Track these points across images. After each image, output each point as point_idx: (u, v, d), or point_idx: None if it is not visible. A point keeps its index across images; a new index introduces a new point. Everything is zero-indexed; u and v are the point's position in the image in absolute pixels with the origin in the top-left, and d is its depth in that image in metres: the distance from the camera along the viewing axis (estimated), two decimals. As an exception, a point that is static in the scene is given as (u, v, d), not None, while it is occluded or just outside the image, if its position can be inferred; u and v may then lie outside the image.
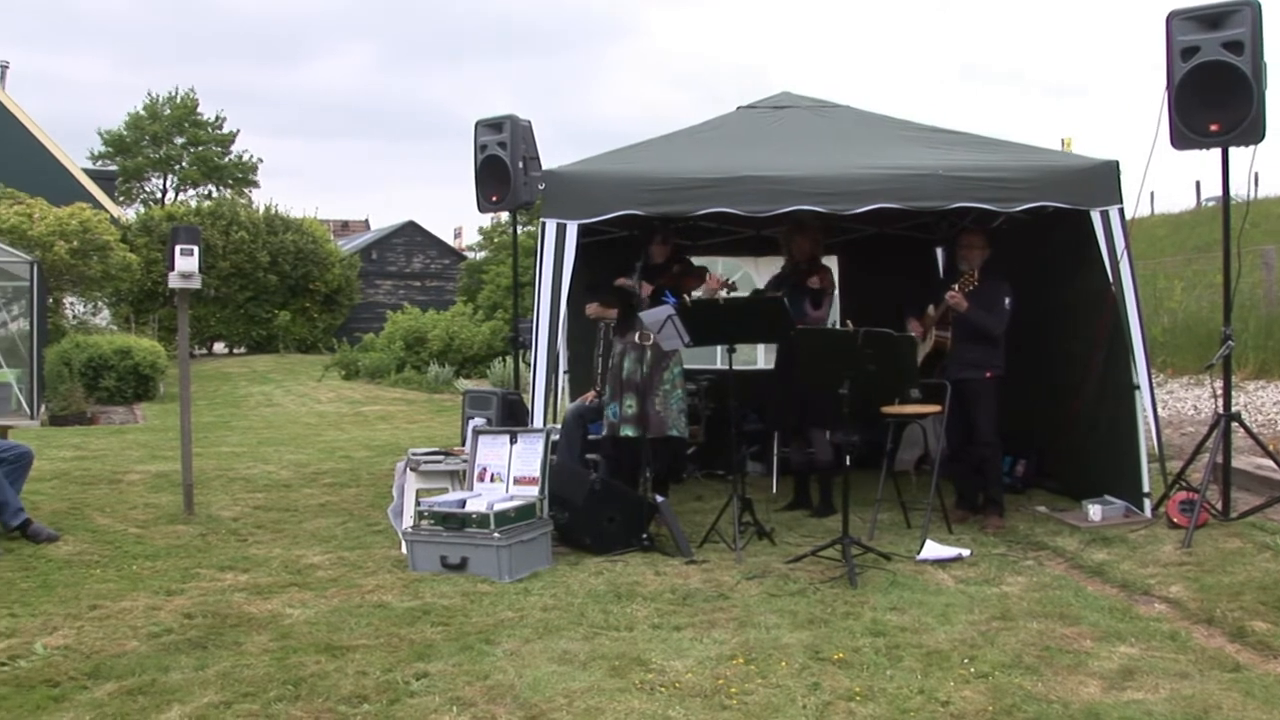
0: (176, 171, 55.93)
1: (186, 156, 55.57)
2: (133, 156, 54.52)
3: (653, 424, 8.29)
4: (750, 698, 4.71)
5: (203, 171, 55.32)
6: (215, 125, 55.92)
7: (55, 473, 11.12)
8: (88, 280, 24.24)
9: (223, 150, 56.21)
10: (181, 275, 8.78)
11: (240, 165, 56.28)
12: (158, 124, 54.44)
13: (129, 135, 54.82)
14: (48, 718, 4.63)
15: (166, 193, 55.96)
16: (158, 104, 54.92)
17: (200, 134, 55.39)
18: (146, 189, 56.60)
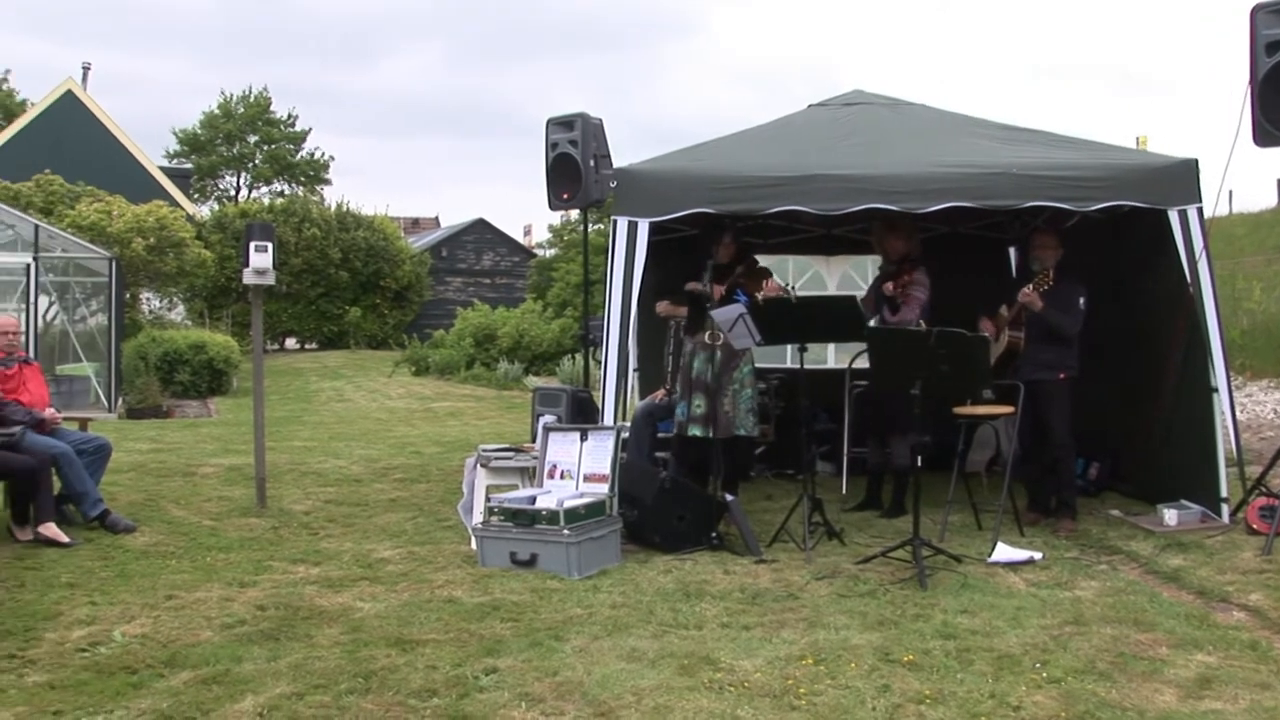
0: (250, 169, 56.59)
1: (259, 154, 56.21)
2: (207, 155, 55.24)
3: (721, 424, 8.27)
4: (819, 699, 4.69)
5: (275, 169, 55.92)
6: (288, 123, 56.52)
7: (132, 465, 11.28)
8: (163, 276, 24.62)
9: (295, 148, 56.78)
10: (256, 271, 8.87)
11: (312, 163, 56.82)
12: (231, 123, 55.12)
13: (204, 134, 55.54)
14: (127, 703, 4.70)
15: (240, 190, 56.65)
16: (231, 103, 55.61)
17: (273, 132, 56.00)
18: (220, 186, 57.33)
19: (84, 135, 34.03)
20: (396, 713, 4.59)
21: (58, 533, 7.68)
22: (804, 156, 8.27)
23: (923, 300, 8.50)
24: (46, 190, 25.09)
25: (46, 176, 25.70)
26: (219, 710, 4.61)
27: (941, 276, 8.63)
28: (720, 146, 8.88)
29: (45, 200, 24.44)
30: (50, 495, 7.88)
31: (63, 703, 4.70)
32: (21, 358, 8.88)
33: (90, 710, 4.62)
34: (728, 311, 7.62)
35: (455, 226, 48.11)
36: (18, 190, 24.48)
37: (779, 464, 10.57)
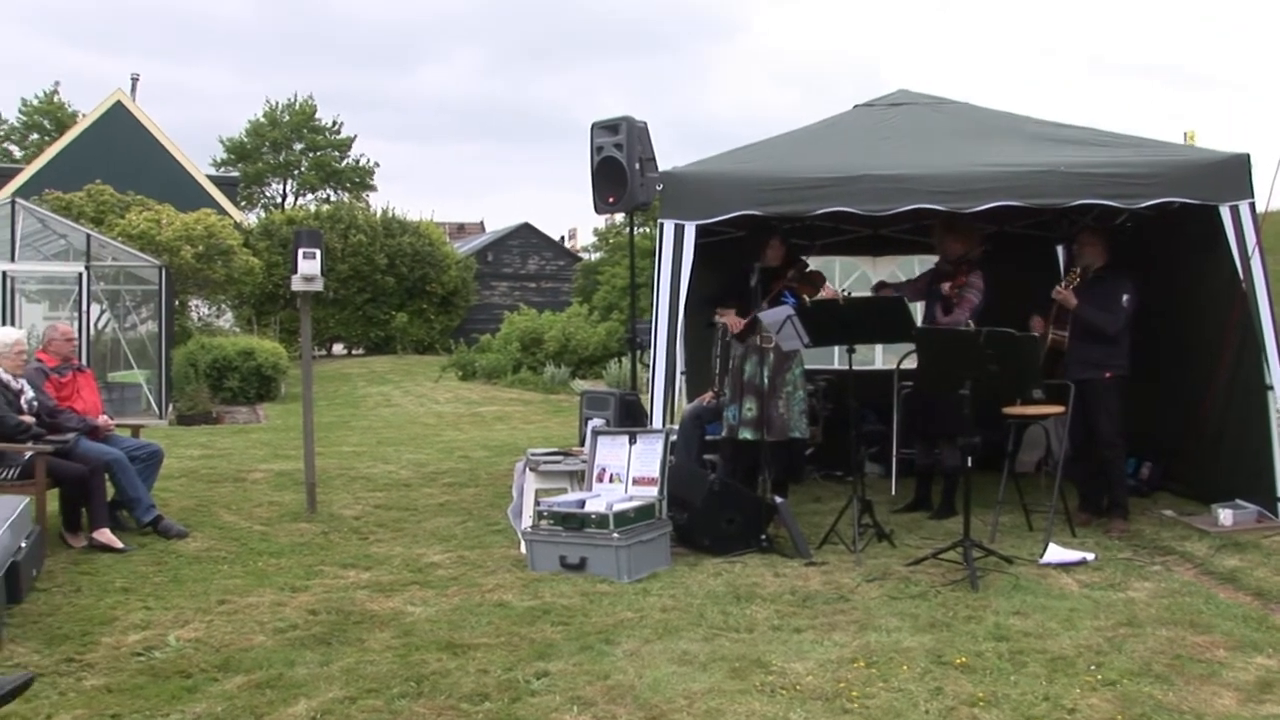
0: (295, 176, 57.02)
1: (305, 161, 56.63)
2: (253, 162, 55.71)
3: (775, 426, 8.25)
4: (872, 701, 4.67)
5: (321, 176, 56.31)
6: (333, 130, 56.91)
7: (183, 471, 11.38)
8: (212, 284, 24.80)
9: (340, 155, 57.16)
10: (304, 278, 8.93)
11: (357, 169, 57.17)
12: (277, 130, 55.58)
13: (250, 142, 56.04)
14: (182, 707, 4.75)
15: (286, 197, 57.08)
16: (277, 111, 56.07)
17: (318, 139, 56.41)
18: (267, 194, 57.79)
19: (133, 145, 34.41)
20: (449, 717, 4.61)
21: (112, 538, 7.76)
22: (850, 157, 8.25)
23: (975, 303, 8.44)
24: (97, 200, 25.34)
25: (97, 186, 25.97)
26: (272, 714, 4.65)
27: (988, 276, 8.57)
28: (766, 148, 8.86)
29: (96, 210, 24.69)
30: (104, 501, 7.97)
31: (120, 706, 4.75)
32: (76, 365, 9.01)
33: (147, 714, 4.67)
34: (775, 313, 7.60)
35: (500, 231, 48.23)
36: (69, 200, 24.75)
37: (827, 465, 10.54)
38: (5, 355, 8.12)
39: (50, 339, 8.95)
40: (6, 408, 7.93)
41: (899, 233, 10.86)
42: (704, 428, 9.26)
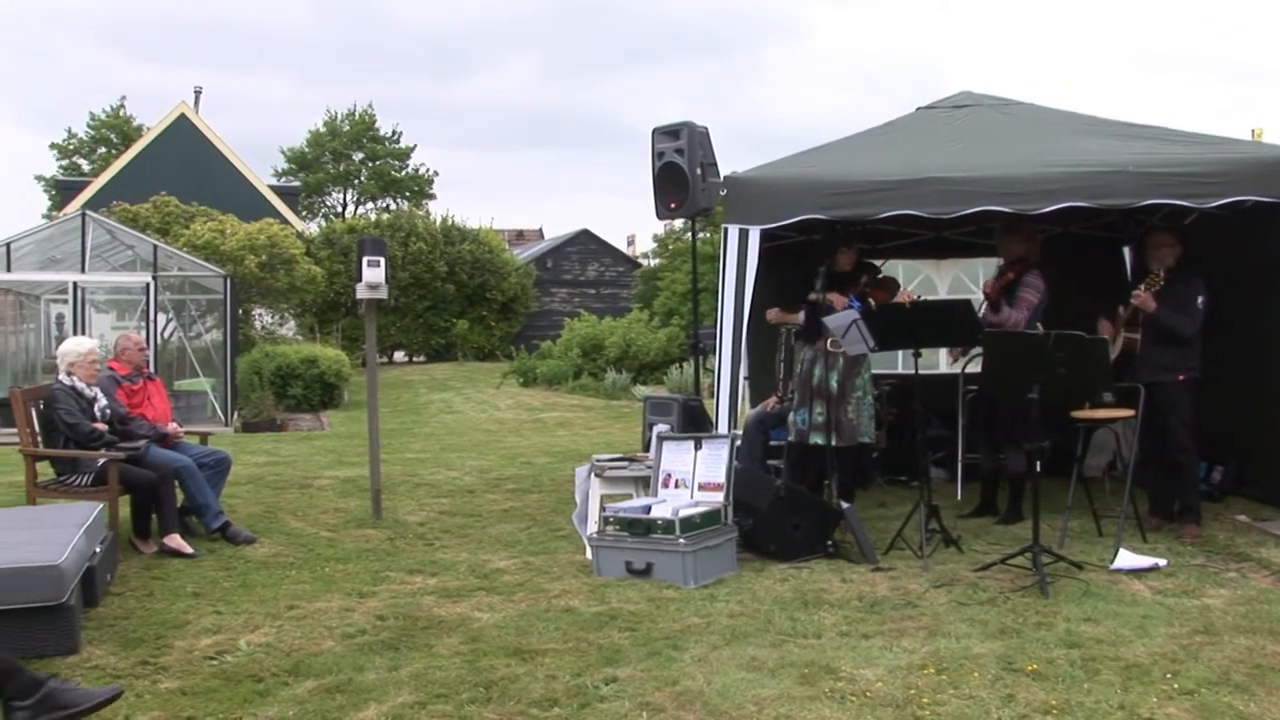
0: (356, 186, 57.52)
1: (365, 171, 57.12)
2: (314, 172, 56.28)
3: (844, 431, 8.22)
4: (943, 709, 4.63)
5: (381, 185, 56.76)
6: (392, 140, 57.37)
7: (250, 477, 11.49)
8: (275, 292, 25.06)
9: (400, 164, 57.59)
10: (369, 286, 8.99)
11: (417, 178, 57.58)
12: (337, 140, 56.10)
13: (310, 152, 56.63)
14: (255, 710, 4.80)
15: (347, 206, 57.58)
16: (337, 121, 56.61)
17: (378, 149, 56.88)
18: (327, 203, 58.34)
19: (197, 157, 34.90)
20: (518, 722, 4.62)
21: (182, 544, 7.85)
22: (915, 160, 8.21)
23: (1034, 303, 8.36)
24: (163, 211, 25.69)
25: (163, 198, 26.32)
26: (343, 719, 4.68)
27: (1054, 278, 8.49)
28: (829, 152, 8.84)
29: (162, 221, 25.02)
30: (174, 507, 8.07)
31: (194, 709, 4.80)
32: (146, 374, 9.12)
33: (220, 716, 4.72)
34: (841, 317, 7.56)
35: (559, 238, 48.41)
36: (136, 212, 25.10)
37: (892, 470, 10.47)
38: (79, 364, 8.24)
39: (123, 348, 9.07)
40: (81, 415, 8.05)
41: (963, 235, 10.78)
42: (768, 433, 9.25)
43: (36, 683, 4.04)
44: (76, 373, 8.22)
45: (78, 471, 8.09)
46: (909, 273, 12.46)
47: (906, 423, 9.28)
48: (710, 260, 21.77)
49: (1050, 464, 7.51)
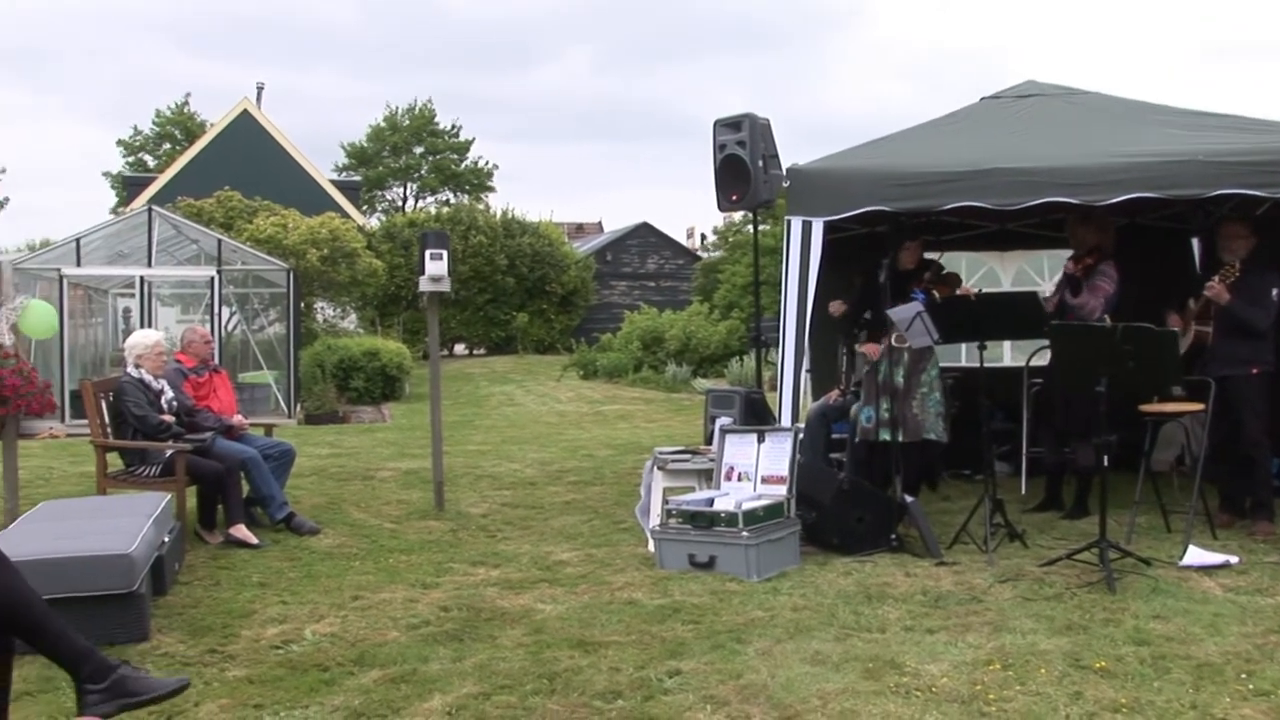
0: (416, 180, 57.89)
1: (425, 165, 57.47)
2: (374, 167, 56.72)
3: (909, 427, 8.17)
4: (1010, 705, 4.58)
5: (440, 179, 57.12)
6: (452, 134, 57.68)
7: (313, 469, 11.59)
8: (337, 286, 25.25)
9: (459, 157, 57.88)
10: (432, 279, 9.03)
11: (476, 172, 57.85)
12: (397, 135, 56.49)
13: (370, 147, 57.08)
14: (321, 700, 4.83)
15: (407, 200, 57.96)
16: (396, 115, 57.02)
17: (437, 142, 57.23)
18: (388, 197, 58.76)
19: (259, 152, 35.27)
20: (582, 714, 4.62)
21: (248, 534, 7.92)
22: (980, 150, 8.12)
23: (1108, 291, 8.25)
24: (226, 206, 25.94)
25: (226, 193, 26.59)
26: (408, 709, 4.70)
27: (1121, 269, 8.38)
28: (892, 143, 8.77)
29: (225, 215, 25.28)
30: (240, 498, 8.14)
31: (262, 697, 4.85)
32: (212, 366, 9.21)
33: (287, 705, 4.76)
34: (905, 310, 7.51)
35: (619, 231, 48.47)
36: (200, 207, 25.37)
37: (955, 464, 10.39)
38: (147, 356, 8.34)
39: (189, 341, 9.17)
40: (148, 407, 8.15)
41: (1027, 227, 10.66)
42: (830, 426, 9.20)
43: (109, 668, 4.10)
44: (144, 365, 8.32)
45: (146, 463, 8.20)
46: (972, 265, 12.34)
47: (970, 416, 9.18)
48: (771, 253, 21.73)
49: (1116, 458, 7.43)
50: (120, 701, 4.08)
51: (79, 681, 4.09)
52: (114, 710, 4.08)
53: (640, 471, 8.84)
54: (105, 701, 4.06)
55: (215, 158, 34.72)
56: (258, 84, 45.76)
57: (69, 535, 5.96)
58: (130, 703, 4.11)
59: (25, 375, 7.65)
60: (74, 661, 4.09)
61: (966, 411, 9.66)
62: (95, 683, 4.06)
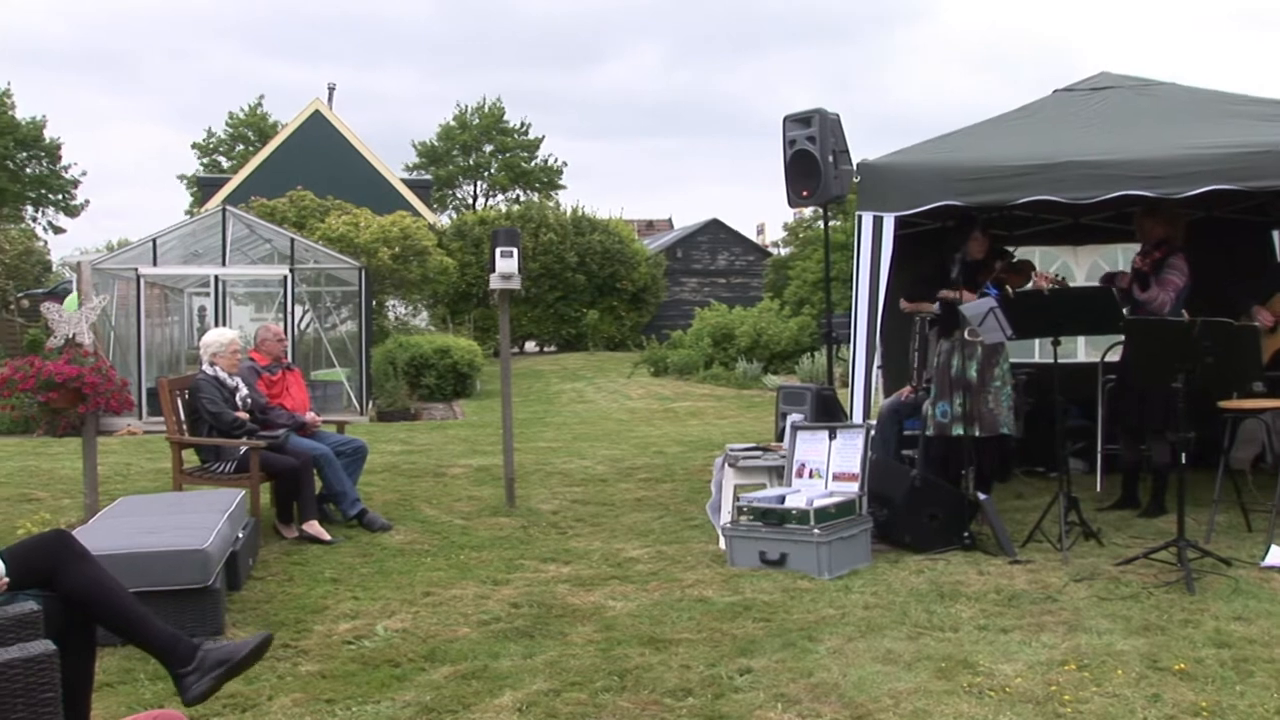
0: (486, 178, 58.20)
1: (495, 163, 57.76)
2: (444, 165, 57.10)
3: (985, 422, 8.08)
4: (1086, 706, 4.52)
5: (510, 177, 57.40)
6: (521, 132, 57.93)
7: (385, 466, 11.67)
8: (408, 284, 25.40)
9: (529, 155, 58.11)
10: (502, 276, 9.07)
11: (546, 169, 58.07)
12: (467, 133, 56.86)
13: (440, 145, 57.49)
14: (392, 695, 4.86)
15: (477, 198, 58.29)
16: (466, 114, 57.39)
17: (507, 141, 57.52)
18: (458, 195, 59.14)
19: (331, 151, 35.62)
20: (652, 711, 4.61)
21: (320, 530, 7.99)
22: (1053, 144, 8.02)
23: (1178, 285, 8.12)
24: (299, 205, 26.19)
25: (298, 192, 26.85)
26: (479, 705, 4.72)
27: (1198, 263, 8.24)
28: (964, 137, 8.68)
29: (298, 215, 25.52)
30: (313, 494, 8.21)
31: (334, 692, 4.89)
32: (285, 364, 9.30)
33: (359, 700, 4.79)
34: (978, 305, 7.44)
35: (689, 227, 48.41)
36: (273, 206, 25.64)
37: (1028, 462, 10.28)
38: (222, 354, 8.45)
39: (263, 339, 9.29)
40: (223, 404, 8.25)
41: (1101, 221, 10.51)
42: (902, 423, 9.13)
43: (194, 648, 4.15)
44: (219, 363, 8.43)
45: (221, 459, 8.30)
46: (1045, 259, 12.17)
47: (1044, 413, 9.07)
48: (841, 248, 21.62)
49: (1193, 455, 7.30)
50: (215, 673, 4.12)
51: (171, 667, 4.14)
52: (213, 683, 4.12)
53: (711, 468, 8.81)
54: (202, 678, 4.10)
55: (288, 158, 35.12)
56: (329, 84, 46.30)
57: (146, 530, 6.05)
58: (224, 670, 4.14)
59: (104, 373, 7.77)
60: (163, 649, 4.14)
61: (1040, 408, 9.56)
62: (185, 665, 4.11)
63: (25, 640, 3.44)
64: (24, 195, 50.73)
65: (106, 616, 4.09)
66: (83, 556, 4.11)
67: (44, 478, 11.13)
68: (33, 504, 9.40)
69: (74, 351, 7.75)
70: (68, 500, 9.54)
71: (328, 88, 43.42)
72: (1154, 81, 9.31)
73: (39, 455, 12.99)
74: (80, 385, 7.57)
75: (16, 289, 33.39)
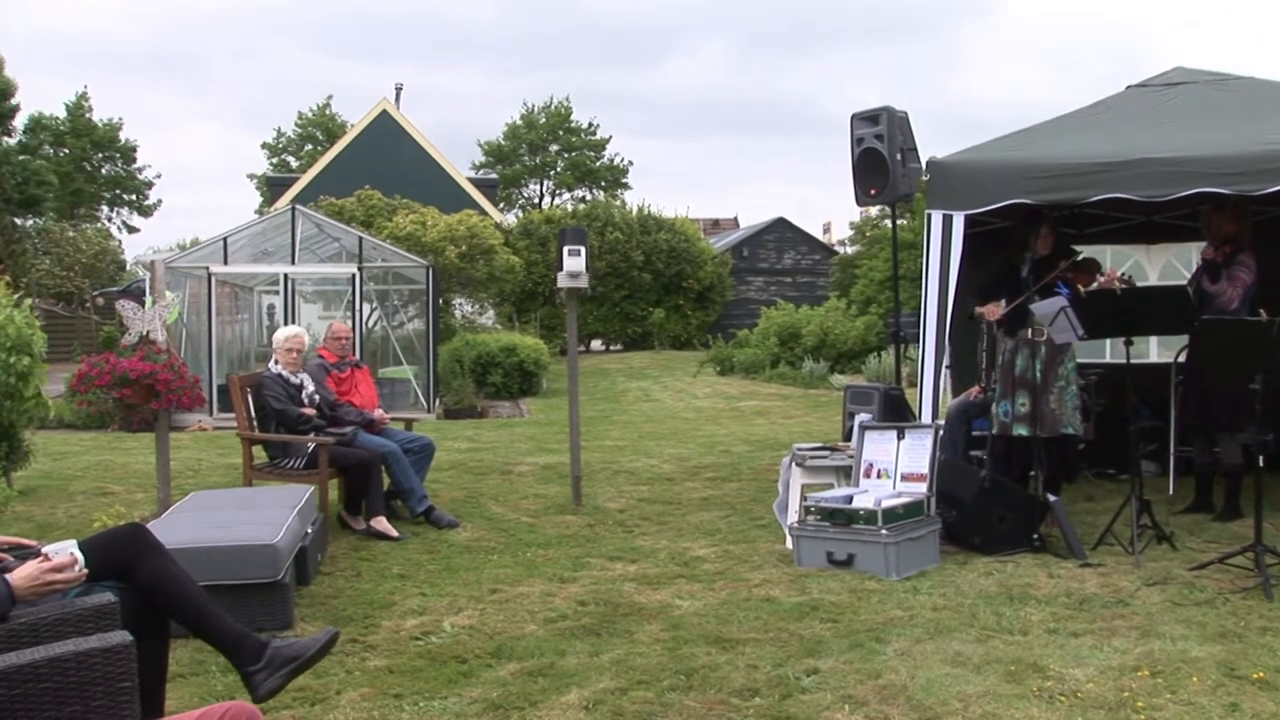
0: (552, 177, 58.43)
1: (561, 162, 57.97)
2: (511, 164, 57.36)
3: (1047, 422, 7.98)
4: (1160, 714, 4.43)
5: (577, 176, 57.59)
6: (588, 131, 58.08)
7: (452, 463, 11.72)
8: (474, 282, 25.53)
9: (595, 154, 58.27)
10: (570, 274, 9.08)
11: (612, 168, 58.21)
12: (534, 133, 57.14)
13: (507, 145, 57.76)
14: (459, 691, 4.87)
15: (543, 197, 58.52)
16: (533, 113, 57.61)
17: (574, 140, 57.69)
18: (524, 194, 59.40)
19: (398, 151, 35.89)
20: (719, 711, 4.59)
21: (388, 527, 8.04)
22: (1127, 140, 7.90)
23: (1247, 282, 7.96)
24: (366, 204, 26.41)
25: (366, 191, 27.08)
26: (546, 702, 4.71)
27: (1272, 261, 8.08)
28: (1035, 134, 8.57)
29: (365, 214, 25.73)
30: (380, 491, 8.26)
31: (401, 687, 4.91)
32: (353, 361, 9.37)
33: (426, 695, 4.81)
34: (1049, 305, 7.34)
35: (755, 226, 48.35)
36: (342, 205, 25.87)
37: (1099, 463, 10.13)
38: (279, 351, 8.57)
39: (329, 336, 9.37)
40: (288, 401, 8.32)
41: (1174, 219, 10.36)
42: (970, 423, 9.04)
43: (262, 645, 4.19)
44: (280, 360, 8.52)
45: (289, 455, 8.37)
46: (1116, 258, 12.01)
47: (1115, 413, 8.95)
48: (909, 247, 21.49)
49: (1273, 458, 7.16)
50: (284, 671, 4.16)
51: (240, 665, 4.18)
52: (282, 681, 4.16)
53: (778, 468, 8.77)
54: (270, 676, 4.14)
55: (355, 157, 35.43)
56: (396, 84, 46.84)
57: (218, 525, 6.12)
58: (294, 668, 4.18)
59: (176, 370, 7.87)
60: (232, 645, 4.19)
61: (1111, 409, 9.42)
62: (254, 662, 4.15)
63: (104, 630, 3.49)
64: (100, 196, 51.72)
65: (178, 610, 4.14)
66: (157, 550, 4.16)
67: (118, 472, 11.30)
68: (108, 498, 9.54)
69: (148, 349, 7.86)
70: (141, 494, 9.67)
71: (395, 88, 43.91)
72: (1231, 76, 9.16)
73: (113, 450, 13.19)
74: (153, 382, 7.68)
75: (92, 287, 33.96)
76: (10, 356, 8.75)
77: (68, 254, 32.79)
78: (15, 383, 8.89)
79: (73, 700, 3.11)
